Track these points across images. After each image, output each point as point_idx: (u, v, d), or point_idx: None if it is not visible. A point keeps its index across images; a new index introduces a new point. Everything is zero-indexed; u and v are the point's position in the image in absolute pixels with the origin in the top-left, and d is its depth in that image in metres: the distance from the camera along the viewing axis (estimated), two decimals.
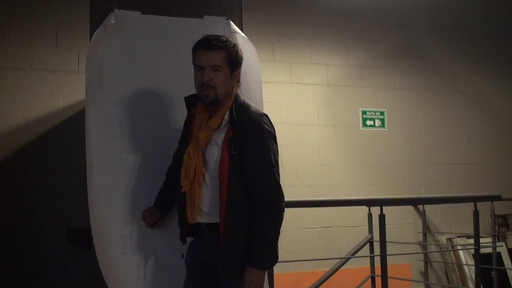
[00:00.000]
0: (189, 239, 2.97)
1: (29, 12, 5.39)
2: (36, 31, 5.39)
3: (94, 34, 3.28)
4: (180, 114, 3.23)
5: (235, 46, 2.84)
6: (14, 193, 5.19)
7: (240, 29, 3.52)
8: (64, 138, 5.33)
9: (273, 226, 2.72)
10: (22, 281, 5.14)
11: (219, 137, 2.78)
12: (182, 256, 2.97)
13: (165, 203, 3.12)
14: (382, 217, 4.67)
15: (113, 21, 3.25)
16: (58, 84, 5.41)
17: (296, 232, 2.62)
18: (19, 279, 5.13)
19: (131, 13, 3.32)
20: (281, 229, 2.80)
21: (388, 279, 4.65)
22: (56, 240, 5.21)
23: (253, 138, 2.73)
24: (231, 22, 3.48)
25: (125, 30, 3.28)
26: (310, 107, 6.40)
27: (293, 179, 5.92)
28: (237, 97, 2.84)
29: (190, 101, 2.96)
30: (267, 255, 2.73)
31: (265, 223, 2.69)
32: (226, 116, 2.79)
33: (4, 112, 5.24)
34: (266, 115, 2.84)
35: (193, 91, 2.96)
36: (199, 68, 2.81)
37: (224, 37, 2.86)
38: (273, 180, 2.74)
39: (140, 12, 3.34)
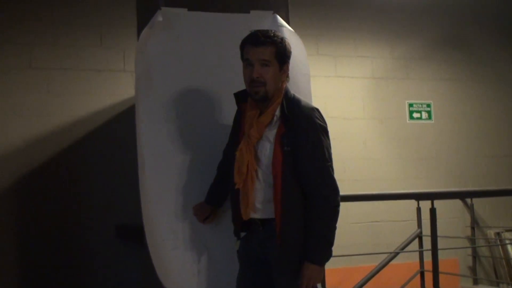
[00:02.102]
0: (242, 234, 2.96)
1: (74, 13, 5.48)
2: (81, 32, 5.48)
3: (142, 32, 3.30)
4: (228, 109, 3.23)
5: (283, 40, 2.81)
6: (63, 192, 5.29)
7: (286, 22, 3.50)
8: (111, 136, 5.41)
9: (329, 221, 2.69)
10: (73, 278, 5.24)
11: (271, 133, 2.76)
12: (237, 251, 2.97)
13: (216, 198, 3.12)
14: (433, 211, 4.61)
15: (161, 19, 3.26)
16: (104, 83, 5.49)
17: (343, 227, 2.61)
18: (70, 276, 5.23)
19: (177, 10, 3.33)
20: None
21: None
22: (106, 237, 5.29)
23: (306, 134, 2.70)
24: (278, 16, 3.46)
25: (172, 27, 3.29)
26: (355, 100, 6.36)
27: (340, 174, 5.72)
28: (287, 92, 2.82)
29: (240, 97, 2.94)
30: (325, 250, 2.70)
31: (322, 218, 2.67)
32: (277, 112, 2.77)
33: (51, 112, 5.34)
34: (318, 110, 2.80)
35: (241, 86, 2.95)
36: (248, 64, 2.79)
37: (271, 32, 2.83)
38: (327, 174, 2.71)
39: (186, 9, 3.36)
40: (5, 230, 5.12)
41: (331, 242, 2.70)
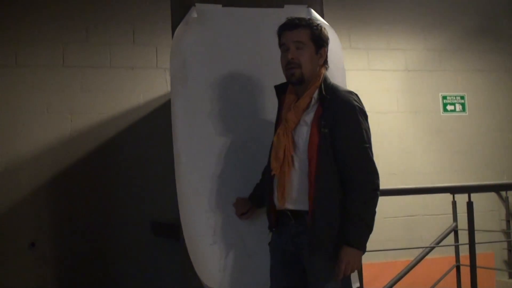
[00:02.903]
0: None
1: (106, 10, 5.52)
2: (114, 29, 5.52)
3: (176, 29, 3.31)
4: (264, 103, 3.26)
5: (318, 25, 2.82)
6: (98, 188, 5.35)
7: (320, 16, 3.48)
8: (145, 133, 5.45)
9: (368, 204, 2.63)
10: (108, 274, 5.30)
11: (308, 117, 2.73)
12: (269, 244, 2.95)
13: (259, 197, 3.09)
14: (470, 205, 4.55)
15: (195, 15, 3.27)
16: (137, 80, 5.52)
17: (378, 221, 2.58)
18: (105, 272, 5.30)
19: (212, 6, 3.34)
20: None
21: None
22: (141, 234, 5.33)
23: (343, 115, 2.67)
24: (312, 10, 3.45)
25: (207, 23, 3.30)
26: (389, 94, 6.31)
27: None
28: (326, 78, 2.80)
29: (280, 90, 2.93)
30: (364, 234, 2.64)
31: (360, 202, 2.60)
32: (315, 95, 2.74)
33: (85, 109, 5.39)
34: (356, 94, 2.78)
35: (275, 81, 2.95)
36: (284, 48, 2.80)
37: (307, 17, 2.89)
38: (366, 157, 2.65)
39: (221, 5, 3.36)
40: (41, 226, 5.20)
41: (370, 226, 2.64)
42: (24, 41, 5.27)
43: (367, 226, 2.63)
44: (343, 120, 2.66)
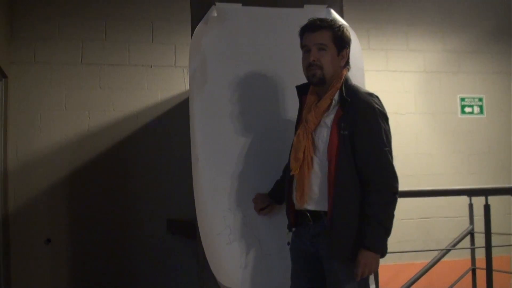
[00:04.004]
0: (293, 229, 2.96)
1: (125, 8, 5.54)
2: (133, 27, 5.54)
3: (196, 28, 3.31)
4: (284, 103, 3.27)
5: (340, 26, 2.82)
6: (115, 186, 5.37)
7: (340, 16, 3.47)
8: (162, 131, 5.47)
9: (386, 207, 2.62)
10: (124, 270, 5.32)
11: (329, 118, 2.74)
12: (288, 243, 2.96)
13: (279, 193, 3.10)
14: (487, 208, 4.52)
15: (215, 14, 3.27)
16: (155, 78, 5.53)
17: (394, 223, 2.57)
18: (121, 269, 5.32)
19: (232, 6, 3.34)
20: None
21: None
22: (158, 231, 5.35)
23: (363, 117, 2.66)
24: (332, 10, 3.44)
25: (226, 22, 3.30)
26: (407, 95, 6.28)
27: None
28: (347, 80, 2.80)
29: (302, 90, 2.94)
30: (382, 237, 2.63)
31: (378, 205, 2.60)
32: (336, 96, 2.75)
33: (103, 107, 5.41)
34: (377, 96, 2.78)
35: (295, 81, 2.96)
36: (306, 50, 2.81)
37: (329, 19, 2.88)
38: (385, 160, 2.65)
39: (241, 4, 3.36)
40: (60, 223, 5.23)
41: (388, 229, 2.64)
42: (43, 38, 5.31)
43: (385, 229, 2.63)
44: (363, 122, 2.66)
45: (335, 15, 3.41)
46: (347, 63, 2.85)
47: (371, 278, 3.04)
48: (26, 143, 5.20)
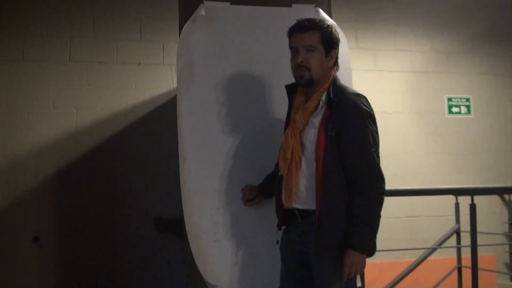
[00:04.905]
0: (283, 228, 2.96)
1: (113, 6, 5.53)
2: (121, 25, 5.54)
3: (184, 26, 3.30)
4: (272, 102, 3.26)
5: (329, 27, 2.81)
6: (103, 184, 5.36)
7: (328, 16, 3.48)
8: (150, 129, 5.46)
9: (372, 208, 2.64)
10: (112, 267, 5.32)
11: (316, 119, 2.75)
12: (277, 242, 2.96)
13: (267, 187, 3.11)
14: (472, 207, 4.56)
15: (203, 13, 3.26)
16: (143, 76, 5.53)
17: (381, 221, 2.59)
18: (109, 266, 5.31)
19: (220, 4, 3.33)
20: None
21: None
22: (145, 228, 5.35)
23: (350, 118, 2.67)
24: (320, 10, 3.44)
25: (214, 21, 3.29)
26: (394, 94, 6.32)
27: None
28: (335, 80, 2.81)
29: (291, 89, 2.94)
30: (368, 238, 2.65)
31: (365, 205, 2.62)
32: (323, 97, 2.76)
33: (91, 105, 5.40)
34: (364, 97, 2.78)
35: (283, 80, 2.96)
36: (294, 50, 2.81)
37: (317, 19, 2.87)
38: (371, 161, 2.66)
39: (229, 3, 3.35)
40: (47, 221, 5.22)
41: (375, 230, 2.65)
42: (31, 36, 5.29)
43: (372, 229, 2.65)
44: (350, 123, 2.67)
45: (323, 14, 3.41)
46: (335, 63, 2.85)
47: (357, 277, 3.06)
48: (14, 141, 5.18)
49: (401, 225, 6.12)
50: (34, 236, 5.15)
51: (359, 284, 3.18)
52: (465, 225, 4.84)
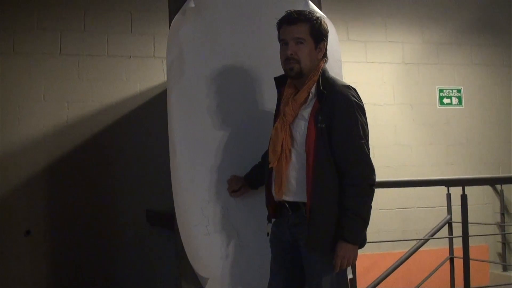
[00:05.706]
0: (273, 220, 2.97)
1: None
2: (111, 18, 5.50)
3: (173, 19, 3.29)
4: (262, 95, 3.26)
5: (318, 19, 2.81)
6: (94, 177, 5.35)
7: (318, 8, 3.48)
8: (141, 122, 5.45)
9: (364, 199, 2.65)
10: (103, 260, 5.33)
11: (306, 111, 2.75)
12: (267, 234, 2.97)
13: (254, 178, 3.11)
14: (464, 198, 4.56)
15: (193, 5, 3.25)
16: (134, 69, 5.51)
17: (373, 213, 2.58)
18: (101, 259, 5.32)
19: None
20: None
21: None
22: (136, 221, 5.35)
23: (340, 110, 2.67)
24: (310, 1, 3.43)
25: (204, 13, 3.27)
26: (385, 86, 6.32)
27: None
28: (324, 71, 2.81)
29: (280, 81, 2.94)
30: (360, 229, 2.66)
31: (355, 197, 2.62)
32: (313, 89, 2.76)
33: (82, 98, 5.38)
34: (354, 88, 2.78)
35: (273, 71, 2.96)
36: (283, 43, 2.81)
37: (306, 11, 2.87)
38: (362, 152, 2.66)
39: None
40: (39, 214, 5.21)
41: (366, 221, 2.66)
42: (21, 28, 5.26)
43: (363, 221, 2.65)
44: (340, 115, 2.67)
45: (312, 6, 3.41)
46: (324, 55, 2.85)
47: (349, 268, 3.07)
48: (4, 135, 5.16)
49: (393, 216, 6.14)
50: (26, 230, 5.13)
51: (350, 275, 3.20)
52: (457, 215, 4.86)
